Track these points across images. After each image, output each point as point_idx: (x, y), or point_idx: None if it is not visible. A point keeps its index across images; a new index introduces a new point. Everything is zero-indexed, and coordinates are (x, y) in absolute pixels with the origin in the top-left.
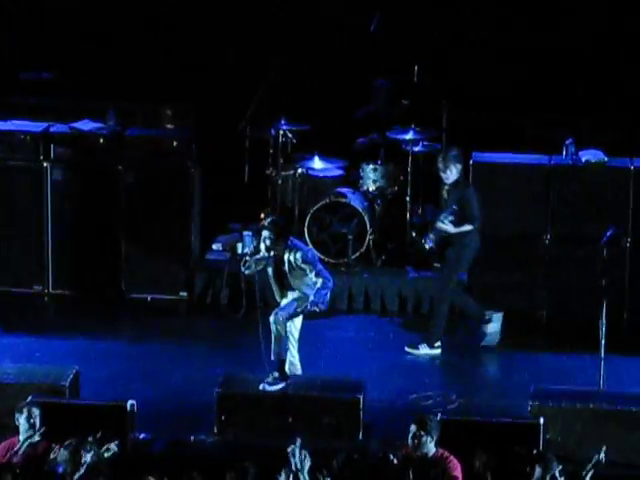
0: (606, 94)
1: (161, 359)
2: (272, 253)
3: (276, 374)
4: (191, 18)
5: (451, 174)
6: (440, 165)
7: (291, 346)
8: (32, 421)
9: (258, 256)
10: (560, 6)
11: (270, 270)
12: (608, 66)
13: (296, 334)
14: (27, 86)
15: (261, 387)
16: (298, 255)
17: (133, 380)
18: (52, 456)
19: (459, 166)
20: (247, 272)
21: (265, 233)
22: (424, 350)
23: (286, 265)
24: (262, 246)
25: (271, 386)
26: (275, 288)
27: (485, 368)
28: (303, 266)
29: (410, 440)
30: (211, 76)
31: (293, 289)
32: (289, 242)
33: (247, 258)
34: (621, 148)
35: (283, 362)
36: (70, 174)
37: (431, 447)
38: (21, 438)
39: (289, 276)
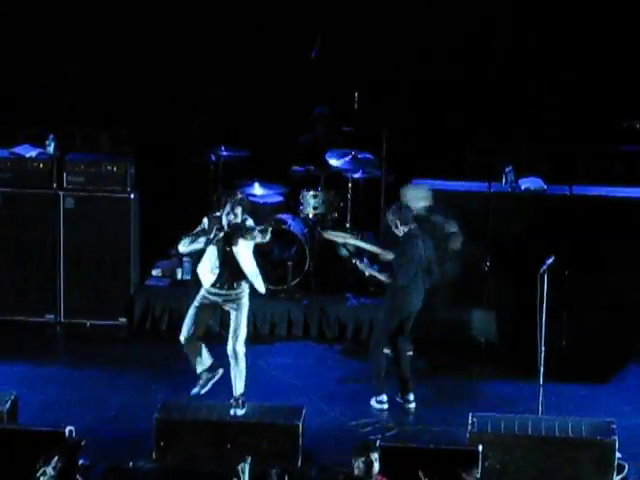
0: (544, 122)
1: (100, 385)
2: (222, 232)
3: (243, 398)
4: (130, 44)
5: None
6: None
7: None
8: None
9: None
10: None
11: (217, 252)
12: (546, 95)
13: None
14: None
15: (232, 413)
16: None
17: (72, 406)
18: None
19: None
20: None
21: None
22: None
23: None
24: (230, 217)
25: (242, 410)
26: (220, 272)
27: (424, 395)
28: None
29: (362, 465)
30: (150, 102)
31: (240, 277)
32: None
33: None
34: (560, 176)
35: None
36: (10, 198)
37: (374, 473)
38: None
39: (237, 254)
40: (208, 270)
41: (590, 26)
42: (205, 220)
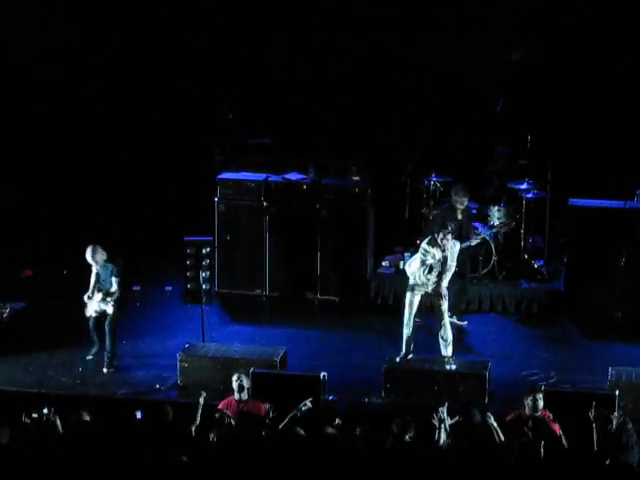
0: None
1: (345, 343)
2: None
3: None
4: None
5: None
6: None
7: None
8: (240, 384)
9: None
10: None
11: (439, 264)
12: None
13: None
14: (253, 148)
15: (447, 367)
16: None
17: (324, 358)
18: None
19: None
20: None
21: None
22: None
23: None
24: (444, 242)
25: (454, 365)
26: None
27: (575, 355)
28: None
29: (531, 402)
30: (383, 141)
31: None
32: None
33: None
34: None
35: None
36: (281, 210)
37: (539, 409)
38: (235, 397)
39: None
40: (415, 270)
41: None
42: (425, 245)
